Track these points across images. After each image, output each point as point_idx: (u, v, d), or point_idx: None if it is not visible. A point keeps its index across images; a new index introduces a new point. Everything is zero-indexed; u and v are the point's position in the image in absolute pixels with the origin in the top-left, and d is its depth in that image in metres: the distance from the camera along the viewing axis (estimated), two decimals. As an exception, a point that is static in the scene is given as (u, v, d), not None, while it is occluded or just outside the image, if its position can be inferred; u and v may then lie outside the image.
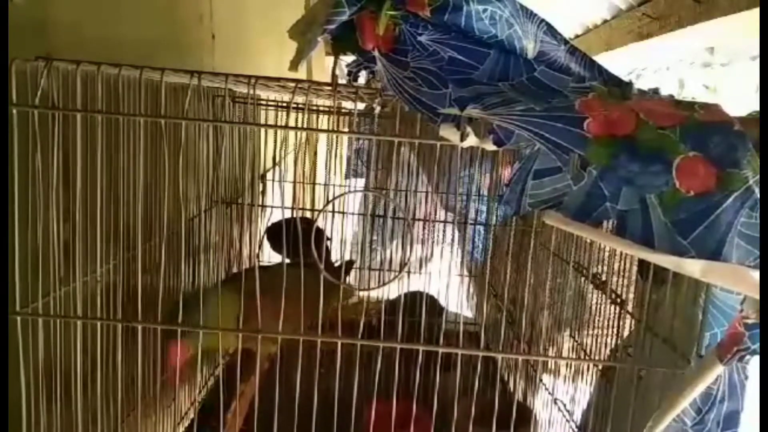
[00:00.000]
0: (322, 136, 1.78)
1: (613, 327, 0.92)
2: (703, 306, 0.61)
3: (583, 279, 1.02)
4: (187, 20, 1.28)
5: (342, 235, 1.46)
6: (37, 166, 0.63)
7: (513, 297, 1.28)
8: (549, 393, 1.10)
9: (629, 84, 0.62)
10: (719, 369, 0.58)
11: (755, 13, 1.49)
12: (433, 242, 1.71)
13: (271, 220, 1.32)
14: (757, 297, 0.51)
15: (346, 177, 2.46)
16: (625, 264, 0.92)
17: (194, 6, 1.31)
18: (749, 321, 0.56)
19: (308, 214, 1.51)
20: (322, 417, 0.77)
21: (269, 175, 1.46)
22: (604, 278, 0.98)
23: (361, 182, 2.58)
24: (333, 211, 1.36)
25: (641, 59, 3.04)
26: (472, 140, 0.60)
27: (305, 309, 0.70)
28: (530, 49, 0.61)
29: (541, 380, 1.16)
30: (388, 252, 1.74)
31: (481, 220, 1.54)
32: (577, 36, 2.84)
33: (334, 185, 0.78)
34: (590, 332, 1.04)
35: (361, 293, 1.38)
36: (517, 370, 1.27)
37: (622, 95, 0.59)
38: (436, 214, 1.63)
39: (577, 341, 1.08)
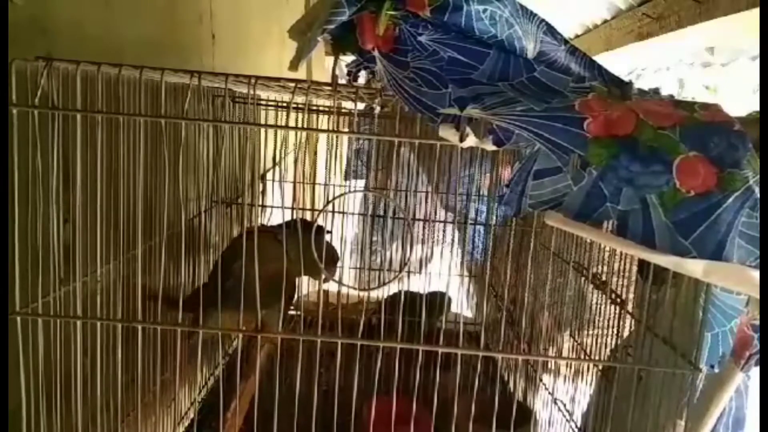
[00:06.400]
0: (322, 136, 1.78)
1: (613, 327, 0.92)
2: (703, 306, 0.61)
3: (583, 279, 1.02)
4: (187, 20, 1.28)
5: (342, 235, 1.46)
6: (37, 166, 0.63)
7: (513, 297, 1.27)
8: (549, 393, 1.10)
9: (629, 84, 0.62)
10: (740, 376, 0.58)
11: (755, 13, 1.49)
12: (433, 242, 1.71)
13: (271, 220, 1.32)
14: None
15: (345, 178, 2.45)
16: (625, 264, 0.92)
17: (194, 6, 1.31)
18: (756, 322, 0.56)
19: (308, 214, 1.51)
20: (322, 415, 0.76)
21: (269, 175, 1.46)
22: (604, 278, 0.98)
23: (360, 183, 2.58)
24: (333, 211, 1.36)
25: (641, 59, 3.04)
26: (471, 140, 0.60)
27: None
28: (530, 49, 0.61)
29: (541, 380, 1.16)
30: (388, 252, 1.74)
31: (481, 220, 1.54)
32: (577, 36, 2.84)
33: (334, 185, 0.78)
34: (590, 332, 1.04)
35: (362, 293, 1.38)
36: (517, 370, 1.26)
37: (622, 95, 0.59)
38: (436, 214, 1.63)
39: (577, 341, 1.08)
